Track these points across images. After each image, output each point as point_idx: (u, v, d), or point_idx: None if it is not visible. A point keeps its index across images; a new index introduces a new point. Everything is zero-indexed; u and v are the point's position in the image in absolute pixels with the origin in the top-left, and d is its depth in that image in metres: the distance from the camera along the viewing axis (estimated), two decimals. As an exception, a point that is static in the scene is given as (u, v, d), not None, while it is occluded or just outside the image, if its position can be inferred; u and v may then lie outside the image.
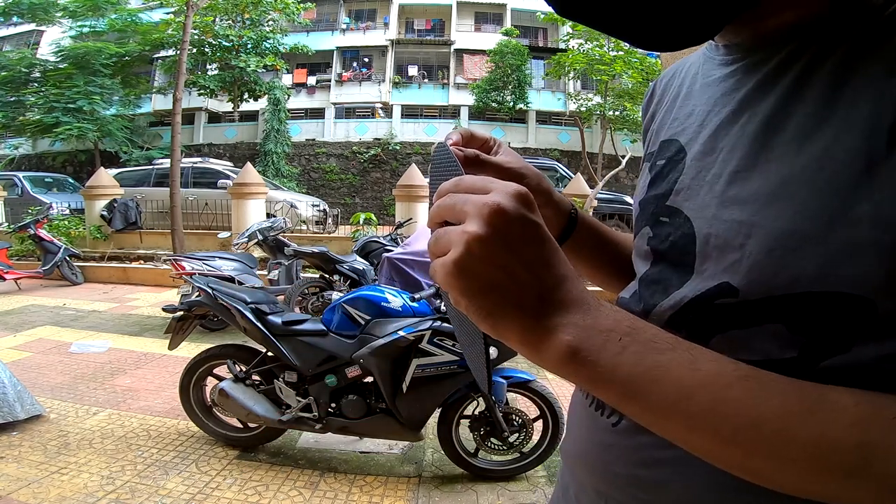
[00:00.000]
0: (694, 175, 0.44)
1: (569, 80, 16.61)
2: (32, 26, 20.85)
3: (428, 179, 0.44)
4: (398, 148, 18.92)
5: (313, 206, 10.36)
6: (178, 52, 8.55)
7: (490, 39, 20.17)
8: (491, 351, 2.13)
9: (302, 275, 5.26)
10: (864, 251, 0.32)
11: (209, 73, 18.75)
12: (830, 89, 0.36)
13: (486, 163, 0.50)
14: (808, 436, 0.28)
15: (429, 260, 0.36)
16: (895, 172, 0.31)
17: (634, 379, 0.31)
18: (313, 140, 19.74)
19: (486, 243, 0.31)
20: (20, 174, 12.83)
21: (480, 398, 2.30)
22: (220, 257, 4.67)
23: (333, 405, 2.34)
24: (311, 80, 21.70)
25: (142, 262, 7.85)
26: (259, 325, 2.36)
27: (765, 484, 0.31)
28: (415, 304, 2.34)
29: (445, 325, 2.19)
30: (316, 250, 4.74)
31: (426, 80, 21.89)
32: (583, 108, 15.77)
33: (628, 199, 9.88)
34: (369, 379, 2.33)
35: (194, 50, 16.64)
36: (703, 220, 0.41)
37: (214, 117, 21.13)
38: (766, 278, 0.36)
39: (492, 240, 0.31)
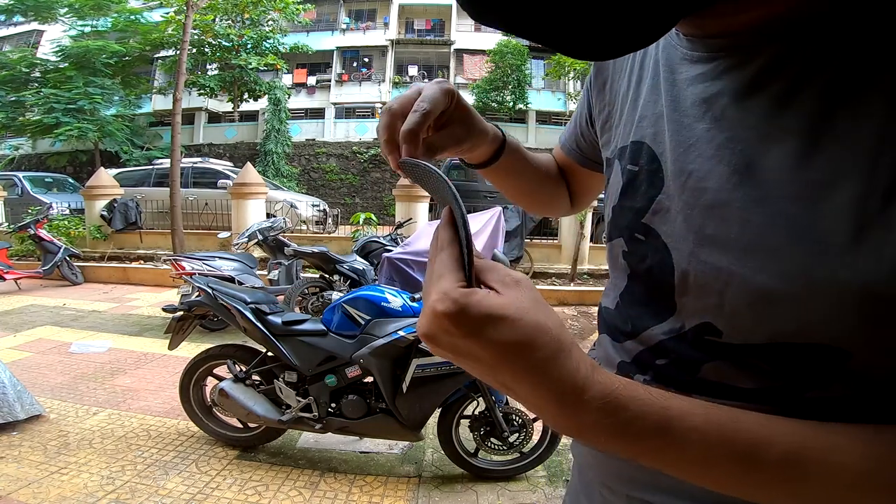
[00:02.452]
0: (671, 196, 0.41)
1: (569, 80, 16.60)
2: (33, 26, 20.87)
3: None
4: (398, 148, 18.89)
5: (313, 206, 10.36)
6: (178, 52, 8.55)
7: (490, 39, 20.15)
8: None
9: (302, 275, 5.26)
10: (846, 314, 0.31)
11: (209, 73, 18.76)
12: (818, 117, 0.31)
13: (437, 146, 0.49)
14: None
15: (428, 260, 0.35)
16: (887, 239, 0.28)
17: (624, 456, 0.33)
18: (313, 140, 19.74)
19: (436, 353, 0.33)
20: (20, 174, 12.81)
21: (480, 398, 2.30)
22: (220, 257, 4.67)
23: (333, 405, 2.34)
24: (311, 80, 21.71)
25: (142, 262, 7.85)
26: (259, 325, 2.36)
27: None
28: (415, 304, 2.34)
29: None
30: (316, 250, 4.74)
31: (426, 80, 21.61)
32: (583, 108, 15.74)
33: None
34: (369, 379, 2.33)
35: (194, 50, 16.64)
36: (681, 254, 0.40)
37: (214, 117, 21.14)
38: (746, 328, 0.36)
39: (437, 353, 0.32)
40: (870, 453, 0.30)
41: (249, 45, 17.76)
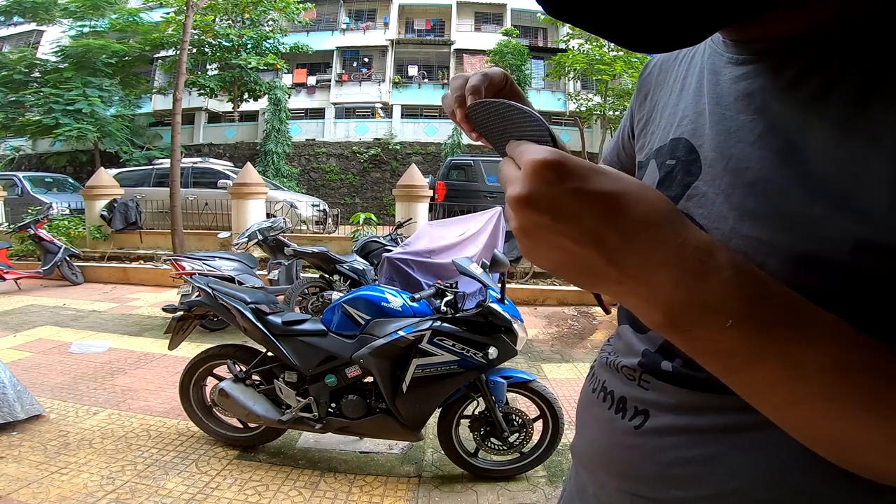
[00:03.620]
0: (708, 181, 0.43)
1: (569, 80, 16.61)
2: (33, 26, 20.86)
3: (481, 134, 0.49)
4: (398, 148, 18.92)
5: (313, 206, 10.36)
6: (178, 52, 8.55)
7: (490, 39, 20.17)
8: (490, 351, 2.15)
9: (302, 275, 5.26)
10: (890, 277, 0.32)
11: (209, 73, 18.75)
12: (854, 105, 0.34)
13: None
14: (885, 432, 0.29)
15: (429, 260, 0.36)
16: None
17: (736, 363, 0.31)
18: (313, 140, 19.73)
19: (527, 236, 0.31)
20: (20, 174, 12.82)
21: (480, 398, 2.30)
22: (220, 257, 4.67)
23: (333, 405, 2.34)
24: (311, 80, 21.71)
25: (142, 262, 7.85)
26: (259, 325, 2.36)
27: (841, 461, 0.32)
28: (415, 304, 2.34)
29: (445, 325, 2.19)
30: (316, 250, 4.74)
31: (426, 80, 21.89)
32: (583, 108, 15.78)
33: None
34: (369, 379, 2.33)
35: (194, 50, 16.65)
36: (720, 233, 0.41)
37: (214, 117, 21.13)
38: None
39: (530, 233, 0.31)
40: None
41: (249, 45, 17.75)
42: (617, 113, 14.22)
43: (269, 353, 2.44)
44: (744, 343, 0.29)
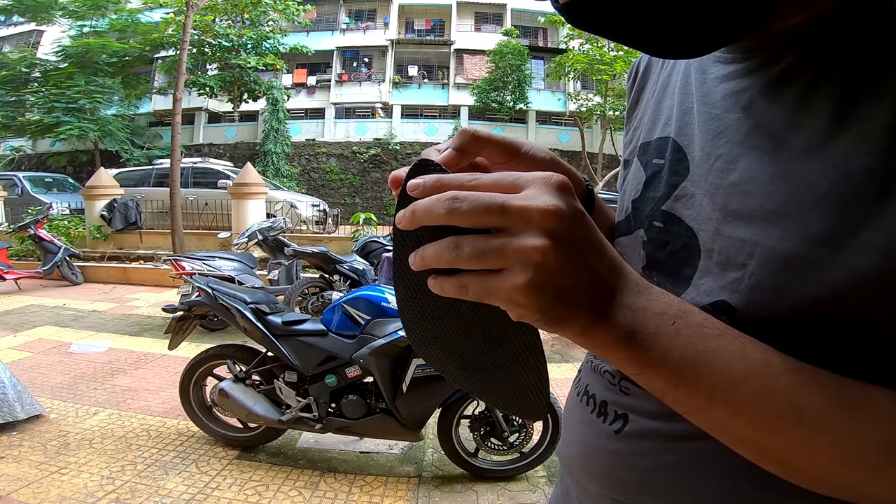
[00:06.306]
0: (695, 182, 0.42)
1: (569, 80, 16.59)
2: (32, 26, 20.87)
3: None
4: (398, 148, 18.92)
5: (313, 206, 10.36)
6: (178, 52, 8.55)
7: (490, 39, 20.16)
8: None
9: (302, 275, 5.26)
10: (871, 279, 0.31)
11: (209, 73, 18.76)
12: (843, 100, 0.33)
13: None
14: (842, 430, 0.29)
15: None
16: None
17: (684, 364, 0.31)
18: (313, 140, 19.73)
19: (556, 256, 0.28)
20: (20, 174, 12.82)
21: (480, 398, 2.30)
22: (220, 257, 4.67)
23: (333, 405, 2.34)
24: (311, 80, 21.70)
25: (142, 262, 7.86)
26: (259, 325, 2.36)
27: (790, 476, 0.31)
28: (415, 304, 2.34)
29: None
30: (316, 250, 4.74)
31: (426, 80, 21.89)
32: (583, 108, 15.76)
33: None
34: (369, 379, 2.33)
35: (194, 50, 16.64)
36: (706, 234, 0.40)
37: (214, 117, 21.13)
38: (768, 300, 0.35)
39: (560, 250, 0.28)
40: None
41: (249, 46, 17.76)
42: (617, 113, 14.19)
43: (269, 353, 2.44)
44: (687, 348, 0.31)
